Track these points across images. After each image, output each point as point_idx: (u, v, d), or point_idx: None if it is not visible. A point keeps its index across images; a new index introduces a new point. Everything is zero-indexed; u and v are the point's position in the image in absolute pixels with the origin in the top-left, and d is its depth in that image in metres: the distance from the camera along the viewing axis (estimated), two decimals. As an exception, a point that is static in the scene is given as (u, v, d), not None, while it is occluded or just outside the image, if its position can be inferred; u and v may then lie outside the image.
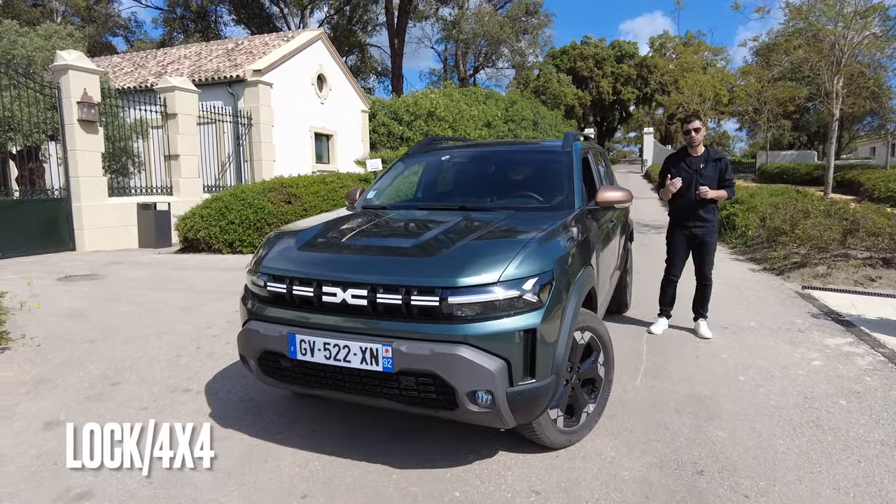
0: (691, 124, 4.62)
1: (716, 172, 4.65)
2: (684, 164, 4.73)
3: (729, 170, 4.69)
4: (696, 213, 4.71)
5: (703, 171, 4.65)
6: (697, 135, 4.61)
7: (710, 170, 4.65)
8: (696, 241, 4.79)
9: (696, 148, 4.69)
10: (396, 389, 2.47)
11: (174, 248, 11.35)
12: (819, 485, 2.62)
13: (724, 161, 4.70)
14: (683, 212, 4.78)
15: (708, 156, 4.68)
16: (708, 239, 4.76)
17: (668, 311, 5.08)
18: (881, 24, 15.04)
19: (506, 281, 2.41)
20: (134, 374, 4.06)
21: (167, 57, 19.38)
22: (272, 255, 2.88)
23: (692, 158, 4.71)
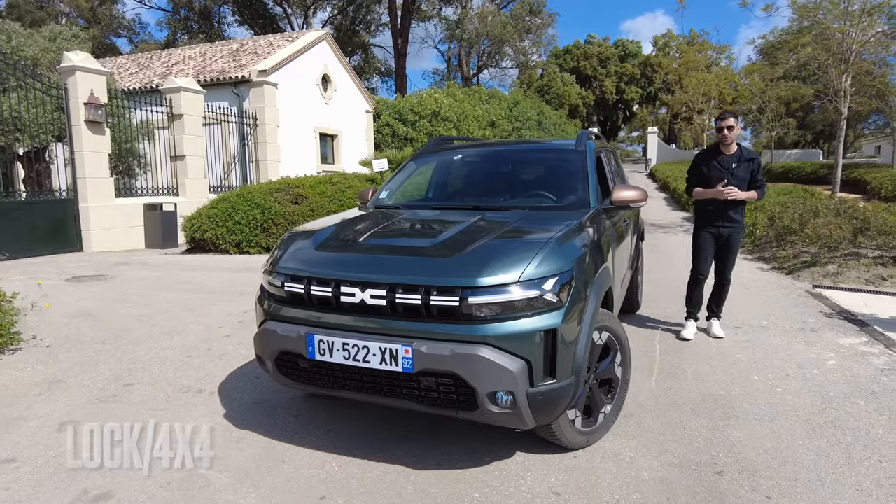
0: (725, 121, 4.50)
1: (748, 172, 4.54)
2: (716, 163, 4.62)
3: (761, 170, 4.60)
4: (726, 212, 4.62)
5: (734, 170, 4.53)
6: (731, 133, 4.49)
7: (742, 169, 4.54)
8: (723, 240, 4.72)
9: (729, 146, 4.57)
10: (416, 390, 2.46)
11: (181, 248, 11.37)
12: (841, 486, 2.59)
13: (756, 161, 4.58)
14: (712, 211, 4.68)
15: (740, 155, 4.56)
16: (734, 240, 4.69)
17: (696, 312, 4.91)
18: (887, 21, 14.97)
19: (526, 281, 2.39)
20: (146, 375, 4.06)
21: (172, 58, 19.41)
22: (289, 256, 2.87)
23: (724, 157, 4.60)
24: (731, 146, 4.58)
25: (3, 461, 2.87)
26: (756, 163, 4.57)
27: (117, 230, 11.18)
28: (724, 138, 4.52)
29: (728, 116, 4.51)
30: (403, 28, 37.09)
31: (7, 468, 2.80)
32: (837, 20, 14.37)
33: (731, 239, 4.68)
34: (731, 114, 4.55)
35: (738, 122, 4.47)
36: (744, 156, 4.56)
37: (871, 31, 13.35)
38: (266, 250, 10.27)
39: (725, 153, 4.60)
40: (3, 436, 3.14)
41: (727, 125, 4.48)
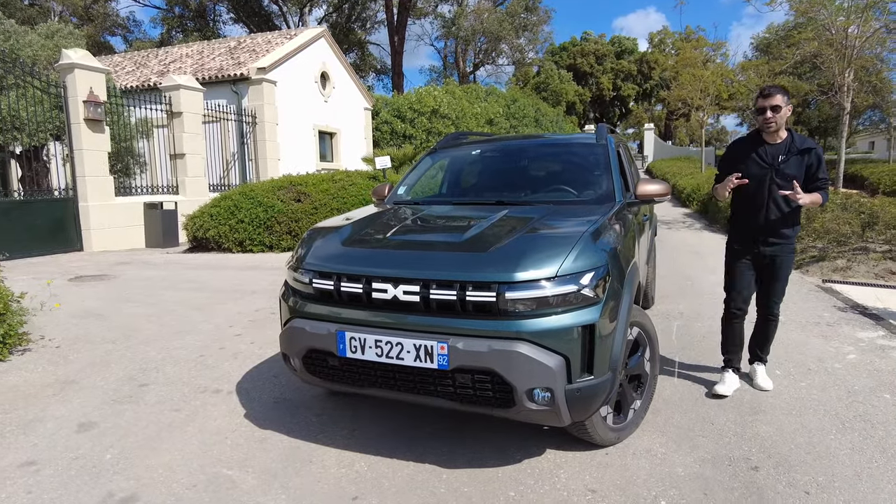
0: (769, 99, 3.19)
1: (801, 168, 3.27)
2: (756, 156, 3.34)
3: (822, 166, 3.29)
4: (770, 224, 3.34)
5: (781, 165, 3.27)
6: (777, 115, 3.20)
7: (792, 165, 3.27)
8: (765, 262, 3.43)
9: (775, 133, 3.30)
10: (451, 387, 2.41)
11: (182, 247, 11.28)
12: (879, 481, 2.56)
13: (815, 153, 3.27)
14: (750, 222, 3.41)
15: (791, 144, 3.29)
16: (781, 263, 3.40)
17: (736, 361, 3.64)
18: (882, 17, 15.01)
19: (563, 276, 2.35)
20: (160, 375, 4.00)
21: (169, 56, 19.26)
22: (315, 252, 2.81)
23: (768, 147, 3.32)
24: (778, 133, 3.31)
25: (23, 464, 2.80)
26: (814, 155, 3.27)
27: (117, 229, 11.08)
28: (768, 123, 3.25)
29: (774, 92, 3.21)
30: (400, 25, 36.95)
31: (27, 471, 2.74)
32: (835, 15, 14.39)
33: (776, 262, 3.39)
34: (777, 89, 3.24)
35: (787, 101, 3.21)
36: (796, 146, 3.28)
37: (871, 26, 13.37)
38: (269, 249, 10.20)
39: (769, 142, 3.32)
40: (21, 438, 3.08)
41: (771, 104, 3.19)
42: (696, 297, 6.09)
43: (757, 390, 3.56)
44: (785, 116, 3.24)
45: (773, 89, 3.26)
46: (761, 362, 3.67)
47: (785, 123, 3.30)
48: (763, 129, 3.34)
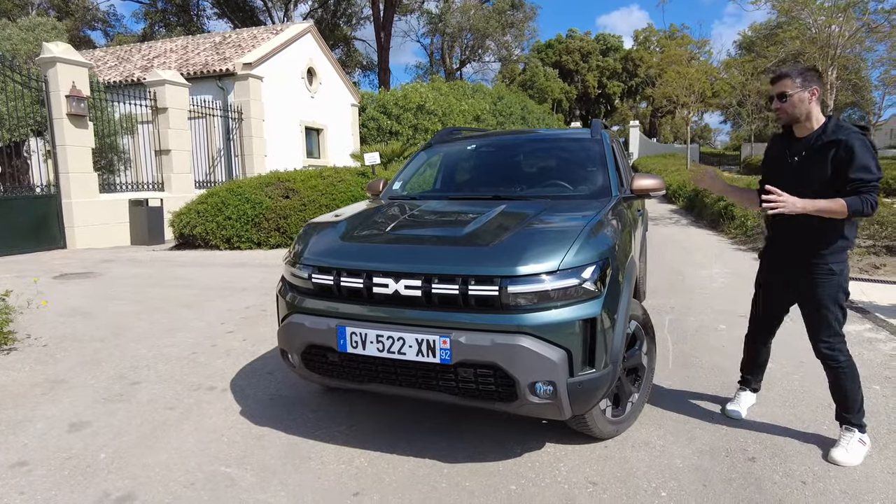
0: (774, 86, 2.68)
1: (824, 166, 2.56)
2: (781, 154, 2.78)
3: (858, 161, 2.47)
4: (794, 240, 2.72)
5: (799, 163, 2.66)
6: (784, 105, 2.63)
7: (814, 161, 2.60)
8: (795, 286, 2.80)
9: (802, 125, 2.68)
10: (453, 382, 2.41)
11: (168, 244, 11.14)
12: (872, 469, 2.61)
13: (844, 145, 2.50)
14: (774, 234, 2.87)
15: (818, 137, 2.60)
16: (814, 286, 2.68)
17: (753, 382, 3.23)
18: (862, 16, 15.28)
19: (565, 269, 2.35)
20: (152, 373, 3.94)
21: (152, 51, 18.99)
22: (313, 247, 2.79)
23: (794, 142, 2.73)
24: (804, 125, 2.67)
25: (14, 464, 2.75)
26: (844, 148, 2.50)
27: (102, 227, 10.91)
28: (777, 114, 2.72)
29: (782, 76, 2.65)
30: (386, 21, 36.77)
31: (19, 472, 2.69)
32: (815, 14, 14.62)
33: (806, 286, 2.72)
34: (788, 71, 2.66)
35: (803, 83, 2.60)
36: (823, 138, 2.58)
37: (852, 25, 13.58)
38: (258, 245, 10.12)
39: (797, 136, 2.72)
40: (11, 438, 3.02)
41: (777, 91, 2.66)
42: (687, 291, 6.15)
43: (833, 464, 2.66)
44: (802, 104, 2.60)
45: (782, 72, 2.67)
46: (849, 426, 2.74)
47: (810, 112, 2.63)
48: (777, 120, 2.80)
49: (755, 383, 3.25)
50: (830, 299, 2.67)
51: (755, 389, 3.26)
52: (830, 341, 2.72)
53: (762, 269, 3.05)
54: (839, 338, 2.73)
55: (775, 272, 2.93)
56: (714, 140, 69.76)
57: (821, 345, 2.75)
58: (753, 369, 3.22)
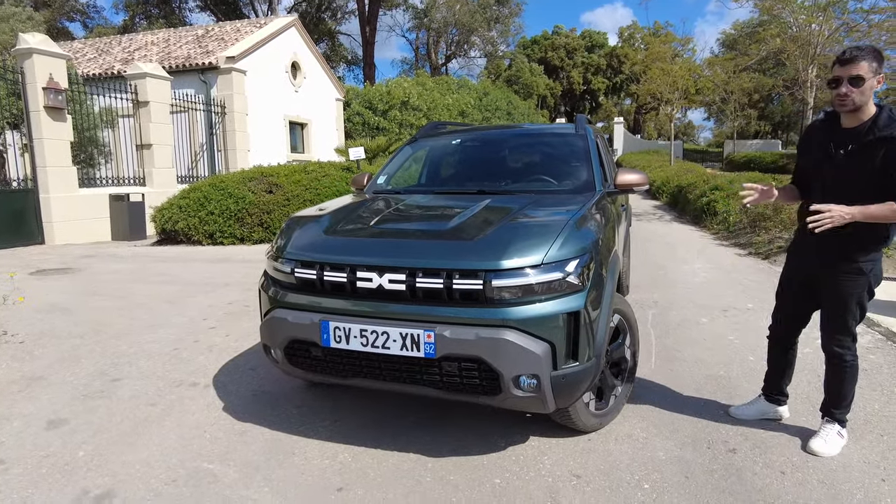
0: (848, 67, 2.34)
1: (869, 165, 2.37)
2: (823, 143, 2.54)
3: None
4: (824, 238, 2.46)
5: (844, 158, 2.44)
6: (856, 90, 2.33)
7: (860, 158, 2.40)
8: (818, 283, 2.67)
9: (854, 115, 2.42)
10: (438, 376, 2.40)
11: (150, 240, 10.99)
12: (849, 459, 2.65)
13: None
14: (804, 229, 2.61)
15: (870, 129, 2.38)
16: (837, 285, 2.57)
17: (773, 391, 3.03)
18: (842, 16, 15.53)
19: (549, 263, 2.36)
20: (134, 370, 3.89)
21: (133, 43, 18.68)
22: (296, 242, 2.76)
23: (842, 133, 2.48)
24: (856, 114, 2.42)
25: (-9, 462, 2.69)
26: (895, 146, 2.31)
27: (82, 222, 10.72)
28: (842, 101, 2.38)
29: (858, 57, 2.33)
30: (371, 16, 36.55)
31: (-5, 470, 2.63)
32: (796, 13, 14.81)
33: (829, 284, 2.60)
34: (865, 52, 2.35)
35: (878, 69, 2.35)
36: (874, 131, 2.36)
37: (832, 25, 13.79)
38: (240, 241, 10.02)
39: (845, 126, 2.48)
40: (-14, 436, 2.96)
41: (850, 74, 2.33)
42: (670, 286, 6.21)
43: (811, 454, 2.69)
44: (870, 92, 2.35)
45: (858, 52, 2.35)
46: (830, 420, 2.75)
47: (870, 101, 2.39)
48: (836, 107, 2.47)
49: (773, 392, 3.03)
50: (854, 299, 2.56)
51: (776, 400, 3.03)
52: (842, 339, 2.65)
53: (789, 265, 2.87)
54: (851, 338, 2.66)
55: (803, 267, 2.76)
56: (697, 137, 70.50)
57: (832, 343, 2.67)
58: (767, 375, 3.05)
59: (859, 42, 16.46)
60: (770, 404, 3.04)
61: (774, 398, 3.04)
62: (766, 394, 3.06)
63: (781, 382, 3.02)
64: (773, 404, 3.04)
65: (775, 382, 3.03)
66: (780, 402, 3.03)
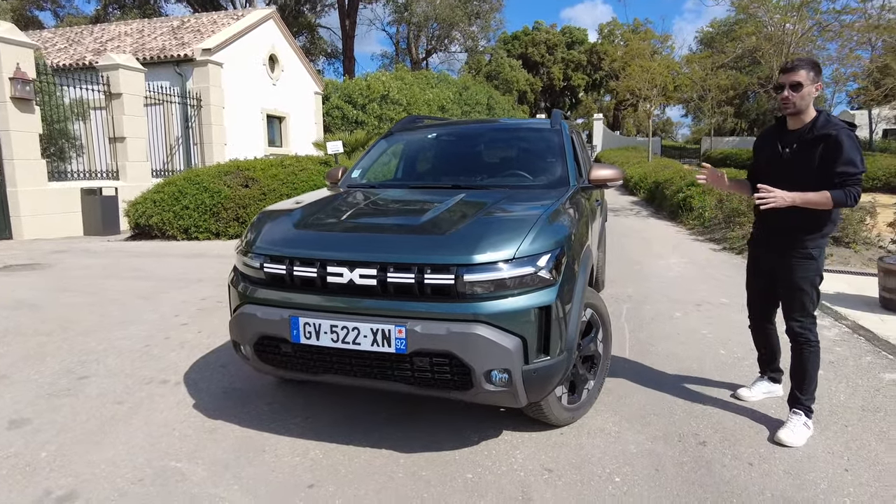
0: (789, 75, 2.67)
1: (812, 159, 2.67)
2: (773, 144, 2.87)
3: (844, 156, 2.59)
4: (770, 227, 2.89)
5: (790, 155, 2.75)
6: (796, 94, 2.66)
7: (802, 154, 2.71)
8: (774, 268, 2.93)
9: (797, 117, 2.75)
10: (409, 371, 2.39)
11: (124, 235, 10.77)
12: (814, 450, 2.71)
13: (833, 140, 2.62)
14: (758, 218, 3.02)
15: (810, 130, 2.70)
16: (791, 274, 2.81)
17: (766, 370, 3.30)
18: (815, 15, 15.81)
19: (521, 257, 2.35)
20: (101, 367, 3.80)
21: (105, 33, 18.24)
22: (266, 236, 2.72)
23: (788, 134, 2.81)
24: (799, 117, 2.74)
25: (-51, 464, 2.61)
26: (832, 142, 2.62)
27: (52, 216, 10.46)
28: (784, 104, 2.72)
29: (798, 66, 2.68)
30: (351, 9, 36.20)
31: (-47, 471, 2.55)
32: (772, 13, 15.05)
33: (783, 267, 2.85)
34: (804, 62, 2.71)
35: (815, 78, 2.68)
36: (814, 131, 2.68)
37: (806, 24, 14.02)
38: (216, 236, 9.87)
39: (790, 128, 2.81)
40: (-55, 437, 2.87)
41: (791, 81, 2.66)
42: (645, 281, 6.27)
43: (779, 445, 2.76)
44: (809, 97, 2.67)
45: (798, 62, 2.71)
46: (798, 409, 2.86)
47: (812, 104, 2.72)
48: (781, 109, 2.80)
49: (766, 370, 3.30)
50: (807, 282, 2.81)
51: (770, 378, 3.28)
52: (804, 321, 2.86)
53: (750, 256, 3.18)
54: (811, 319, 2.88)
55: (762, 257, 3.05)
56: (676, 134, 71.32)
57: (794, 324, 2.87)
58: (763, 358, 3.30)
59: (832, 42, 16.79)
60: (770, 383, 3.29)
61: (771, 377, 3.30)
62: (763, 374, 3.33)
63: (773, 362, 3.28)
64: (772, 383, 3.28)
65: (767, 363, 3.30)
66: (777, 380, 3.29)
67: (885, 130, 39.40)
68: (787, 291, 2.88)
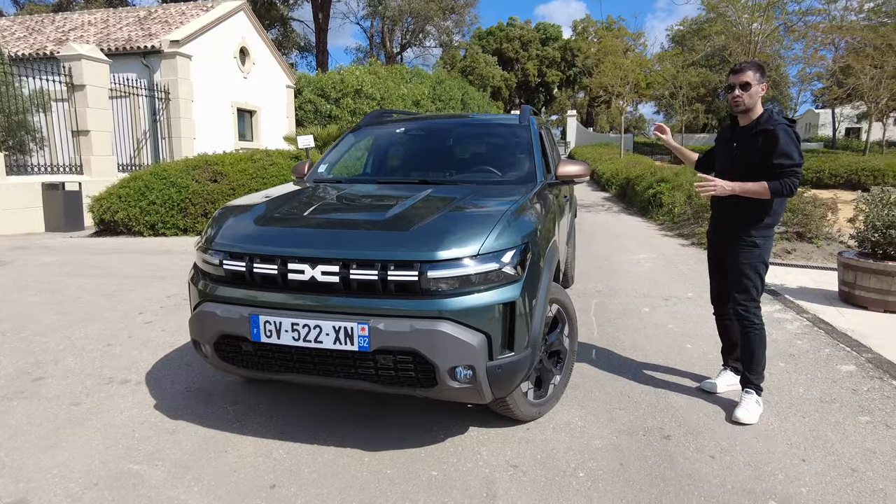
0: (738, 75, 2.91)
1: (756, 152, 2.90)
2: (726, 140, 3.13)
3: (781, 148, 2.80)
4: (724, 216, 3.12)
5: (737, 151, 3.00)
6: (745, 93, 2.89)
7: (749, 150, 2.93)
8: (720, 255, 3.19)
9: (746, 115, 2.98)
10: (372, 369, 2.36)
11: (88, 231, 10.47)
12: (773, 442, 2.76)
13: (771, 134, 2.83)
14: (712, 212, 3.27)
15: (755, 126, 2.93)
16: (736, 253, 3.03)
17: (727, 359, 3.41)
18: (781, 15, 16.17)
19: (486, 254, 2.34)
20: (59, 368, 3.69)
21: (68, 22, 17.68)
22: (226, 232, 2.66)
23: (738, 130, 3.04)
24: (748, 114, 2.98)
25: None
26: (771, 136, 2.83)
27: (11, 212, 10.11)
28: (735, 102, 2.96)
29: (746, 68, 2.93)
30: (324, 2, 35.74)
31: None
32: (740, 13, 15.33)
33: (732, 257, 3.06)
34: (751, 64, 2.97)
35: (760, 79, 2.92)
36: (758, 127, 2.90)
37: (773, 24, 14.31)
38: (184, 232, 9.67)
39: (740, 124, 3.04)
40: None
41: (740, 81, 2.90)
42: (614, 276, 6.33)
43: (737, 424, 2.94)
44: (757, 96, 2.92)
45: (745, 64, 2.98)
46: (750, 388, 3.05)
47: (759, 102, 2.96)
48: (731, 108, 3.05)
49: (728, 360, 3.41)
50: (750, 268, 3.02)
51: (735, 369, 3.33)
52: (748, 305, 3.05)
53: (708, 246, 3.38)
54: (755, 303, 3.06)
55: (715, 245, 3.25)
56: (648, 130, 72.28)
57: (739, 307, 3.06)
58: (724, 349, 3.43)
59: (798, 42, 17.20)
60: (734, 374, 3.34)
61: (734, 367, 3.35)
62: (726, 364, 3.42)
63: (733, 352, 3.36)
64: (735, 374, 3.32)
65: (728, 352, 3.41)
66: (739, 371, 3.28)
67: (847, 129, 40.55)
68: (732, 276, 3.09)
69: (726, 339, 3.39)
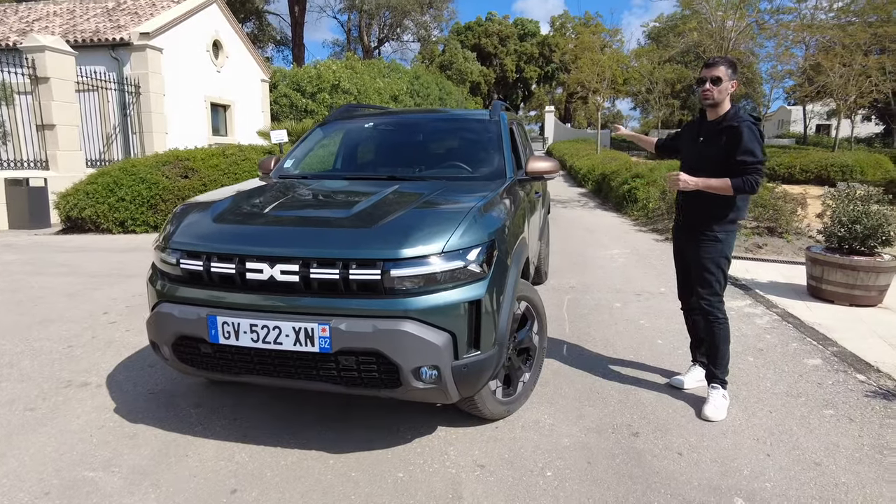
0: (711, 69, 2.92)
1: (720, 149, 2.89)
2: (692, 134, 3.12)
3: (744, 145, 2.80)
4: (688, 211, 3.13)
5: (702, 146, 2.99)
6: (715, 88, 2.89)
7: (713, 145, 2.93)
8: (683, 249, 3.22)
9: (714, 109, 2.97)
10: (334, 371, 2.30)
11: (54, 228, 10.18)
12: (740, 437, 2.78)
13: (735, 131, 2.83)
14: (677, 205, 3.28)
15: (720, 122, 2.93)
16: (700, 253, 3.04)
17: (694, 354, 3.41)
18: (753, 13, 16.42)
19: (450, 251, 2.30)
20: (14, 371, 3.55)
21: (32, 13, 17.15)
22: (183, 230, 2.57)
23: (706, 125, 3.03)
24: (716, 109, 2.97)
25: None
26: (734, 133, 2.83)
27: (-28, 209, 9.78)
28: (704, 96, 2.95)
29: (719, 63, 2.93)
30: (300, -5, 35.29)
31: None
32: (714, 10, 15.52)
33: (695, 252, 3.07)
34: (724, 59, 2.97)
35: (732, 75, 2.93)
36: (724, 123, 2.90)
37: (745, 21, 14.50)
38: (154, 229, 9.46)
39: (708, 119, 3.03)
40: None
41: (712, 75, 2.90)
42: (588, 271, 6.34)
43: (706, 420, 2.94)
44: (726, 91, 2.91)
45: (719, 59, 2.97)
46: (716, 383, 3.06)
47: (728, 99, 2.95)
48: (701, 101, 3.02)
49: (698, 356, 3.38)
50: (713, 262, 3.03)
51: (703, 364, 3.28)
52: (711, 299, 3.07)
53: (673, 242, 3.39)
54: (718, 297, 3.09)
55: (679, 239, 3.27)
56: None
57: (702, 301, 3.09)
58: (694, 343, 3.42)
59: (770, 40, 17.46)
60: (702, 370, 3.30)
61: (702, 362, 3.32)
62: (694, 360, 3.42)
63: (700, 346, 3.36)
64: (703, 369, 3.27)
65: (696, 346, 3.41)
66: (703, 365, 3.30)
67: (818, 125, 41.39)
68: (696, 271, 3.11)
69: (694, 335, 3.40)
